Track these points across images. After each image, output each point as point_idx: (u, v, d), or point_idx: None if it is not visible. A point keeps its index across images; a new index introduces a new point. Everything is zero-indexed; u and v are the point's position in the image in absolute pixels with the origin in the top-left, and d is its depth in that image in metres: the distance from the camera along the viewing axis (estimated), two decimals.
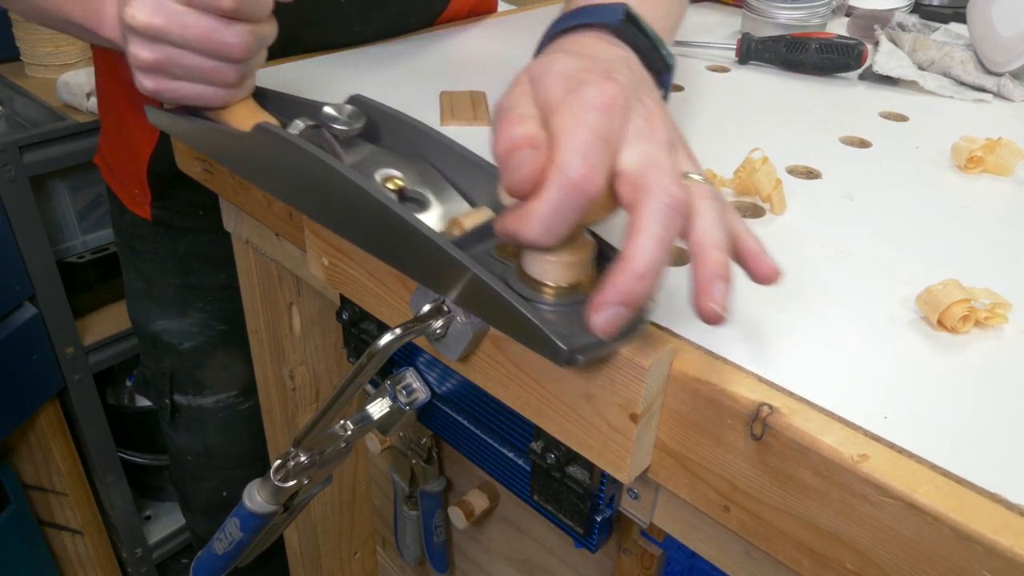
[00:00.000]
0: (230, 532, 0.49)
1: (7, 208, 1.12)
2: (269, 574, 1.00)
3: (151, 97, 0.51)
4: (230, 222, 0.73)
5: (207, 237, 0.83)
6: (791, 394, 0.33)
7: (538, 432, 0.45)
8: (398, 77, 0.70)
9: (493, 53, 0.78)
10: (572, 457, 0.45)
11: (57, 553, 1.45)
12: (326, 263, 0.51)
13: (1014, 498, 0.28)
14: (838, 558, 0.32)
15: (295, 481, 0.47)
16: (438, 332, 0.41)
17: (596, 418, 0.37)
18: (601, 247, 0.38)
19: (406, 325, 0.40)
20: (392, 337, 0.40)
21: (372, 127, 0.50)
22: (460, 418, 0.53)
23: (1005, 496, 0.29)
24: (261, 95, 0.56)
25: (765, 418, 0.32)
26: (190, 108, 0.54)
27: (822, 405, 0.33)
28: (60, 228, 1.31)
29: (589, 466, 0.44)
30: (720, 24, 0.93)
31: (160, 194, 0.81)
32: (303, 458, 0.47)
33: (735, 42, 0.78)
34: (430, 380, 0.54)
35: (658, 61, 0.44)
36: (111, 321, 1.36)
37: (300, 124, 0.49)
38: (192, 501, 1.00)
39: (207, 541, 0.52)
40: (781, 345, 0.37)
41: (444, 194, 0.46)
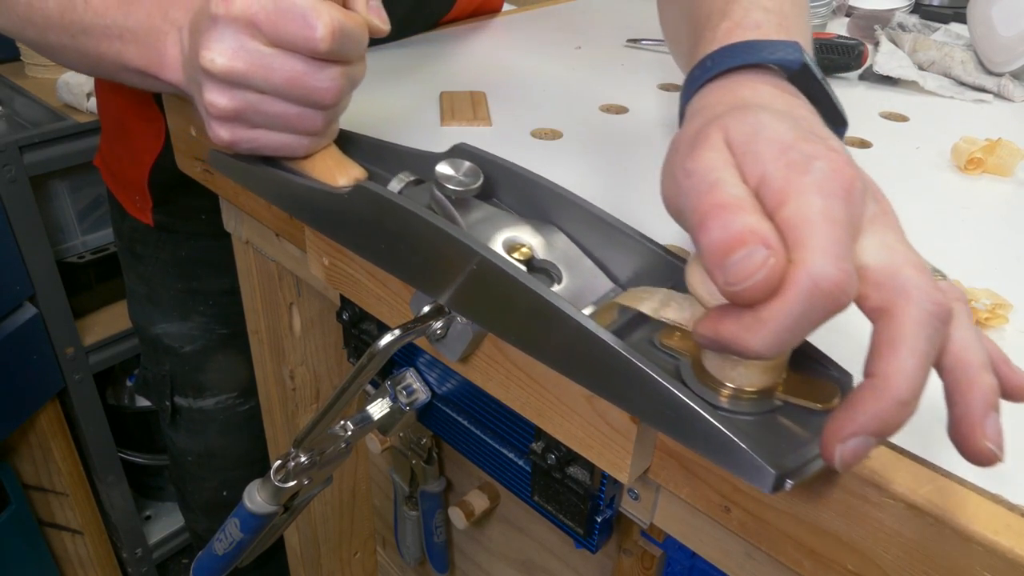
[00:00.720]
0: (230, 532, 0.49)
1: (7, 208, 1.12)
2: (268, 574, 1.00)
3: (224, 148, 0.46)
4: (230, 222, 0.73)
5: (209, 242, 0.83)
6: None
7: (538, 433, 0.45)
8: (398, 77, 0.70)
9: (493, 53, 0.78)
10: (572, 458, 0.45)
11: (57, 553, 1.44)
12: (326, 263, 0.51)
13: (1015, 499, 0.29)
14: (839, 559, 0.32)
15: (295, 481, 0.47)
16: (438, 332, 0.41)
17: (597, 419, 0.37)
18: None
19: (406, 326, 0.40)
20: (392, 338, 0.40)
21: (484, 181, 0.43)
22: (460, 418, 0.53)
23: (1006, 497, 0.29)
24: (344, 139, 0.50)
25: None
26: (264, 156, 0.48)
27: None
28: (60, 228, 1.31)
29: (589, 467, 0.44)
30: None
31: (161, 200, 0.81)
32: (303, 458, 0.47)
33: None
34: (430, 380, 0.54)
35: (836, 116, 0.38)
36: (111, 321, 1.36)
37: (403, 179, 0.44)
38: (192, 501, 1.00)
39: (207, 540, 0.52)
40: None
41: (578, 265, 0.40)
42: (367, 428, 0.52)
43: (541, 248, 0.40)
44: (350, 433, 0.50)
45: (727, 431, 0.28)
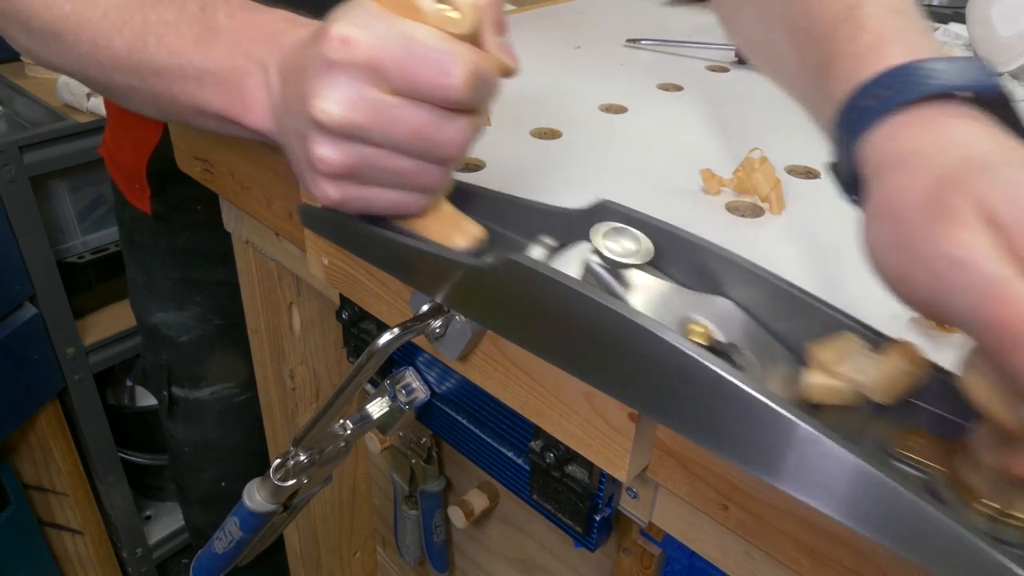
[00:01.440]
0: (230, 531, 0.50)
1: (7, 208, 1.12)
2: (267, 572, 1.01)
3: (333, 208, 0.40)
4: (230, 222, 0.73)
5: (206, 233, 0.83)
6: None
7: (537, 431, 0.45)
8: None
9: None
10: (571, 456, 0.45)
11: (57, 553, 1.45)
12: (326, 262, 0.51)
13: None
14: (837, 557, 0.32)
15: (295, 480, 0.47)
16: (437, 331, 0.42)
17: (595, 417, 0.37)
18: None
19: (405, 324, 0.40)
20: (391, 336, 0.40)
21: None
22: (459, 417, 0.53)
23: None
24: (455, 191, 0.43)
25: None
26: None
27: None
28: (60, 228, 1.31)
29: (588, 465, 0.44)
30: (720, 25, 0.93)
31: (159, 189, 0.81)
32: (303, 457, 0.47)
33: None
34: (429, 379, 0.54)
35: None
36: (111, 321, 1.36)
37: (547, 244, 0.38)
38: (191, 494, 1.01)
39: (205, 535, 0.52)
40: None
41: (764, 347, 0.34)
42: (366, 427, 0.52)
43: (717, 325, 0.35)
44: (349, 432, 0.50)
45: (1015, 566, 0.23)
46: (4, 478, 1.28)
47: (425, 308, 0.41)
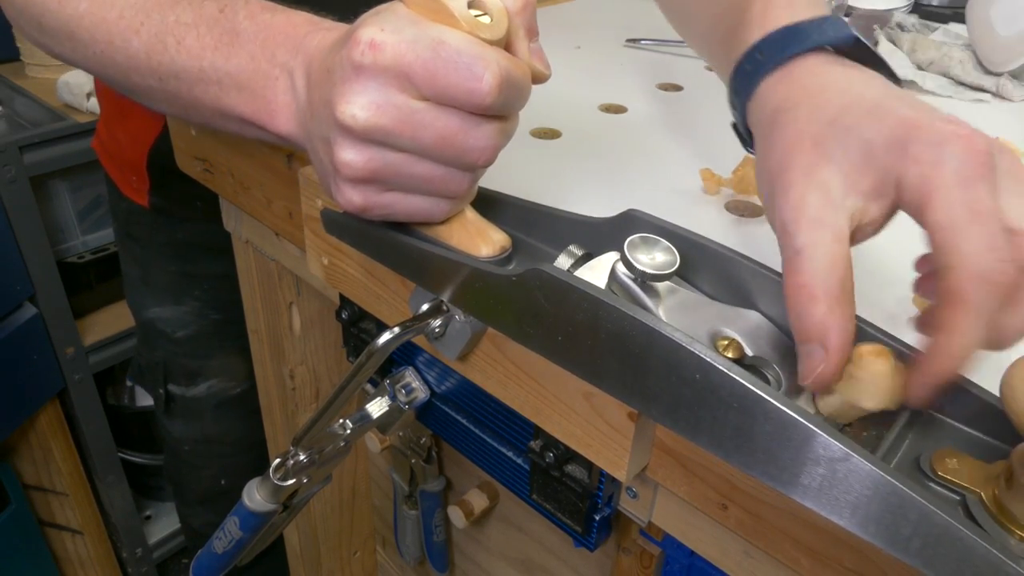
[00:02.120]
0: (229, 531, 0.50)
1: (7, 208, 1.12)
2: (266, 572, 1.00)
3: (355, 214, 0.39)
4: (230, 222, 0.73)
5: (205, 226, 0.82)
6: None
7: (537, 431, 0.45)
8: None
9: None
10: (571, 456, 0.45)
11: (57, 553, 1.45)
12: (326, 262, 0.51)
13: None
14: (836, 557, 0.32)
15: (294, 480, 0.47)
16: (437, 331, 0.42)
17: (595, 417, 0.37)
18: None
19: (405, 324, 0.40)
20: (391, 336, 0.40)
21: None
22: (459, 417, 0.53)
23: None
24: (480, 199, 0.42)
25: None
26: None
27: None
28: (60, 228, 1.31)
29: (588, 465, 0.44)
30: None
31: (159, 183, 0.80)
32: (302, 457, 0.47)
33: None
34: (429, 379, 0.54)
35: (894, 81, 0.37)
36: (111, 321, 1.37)
37: (574, 253, 0.37)
38: (190, 493, 1.00)
39: (203, 534, 0.52)
40: None
41: (795, 362, 0.32)
42: (366, 426, 0.52)
43: (747, 339, 0.34)
44: (349, 431, 0.50)
45: None
46: (4, 478, 1.28)
47: (425, 307, 0.41)
